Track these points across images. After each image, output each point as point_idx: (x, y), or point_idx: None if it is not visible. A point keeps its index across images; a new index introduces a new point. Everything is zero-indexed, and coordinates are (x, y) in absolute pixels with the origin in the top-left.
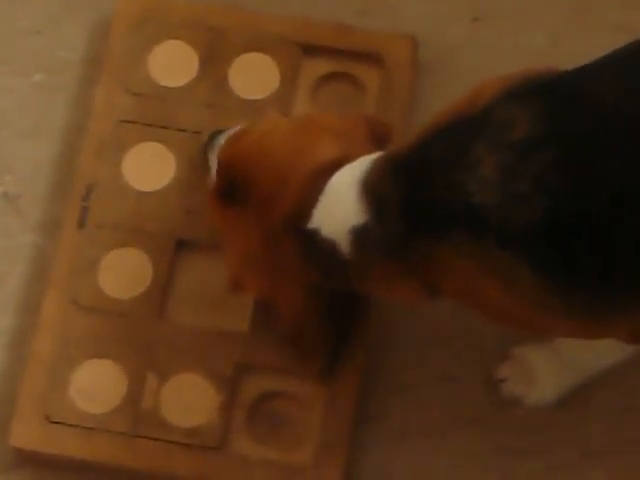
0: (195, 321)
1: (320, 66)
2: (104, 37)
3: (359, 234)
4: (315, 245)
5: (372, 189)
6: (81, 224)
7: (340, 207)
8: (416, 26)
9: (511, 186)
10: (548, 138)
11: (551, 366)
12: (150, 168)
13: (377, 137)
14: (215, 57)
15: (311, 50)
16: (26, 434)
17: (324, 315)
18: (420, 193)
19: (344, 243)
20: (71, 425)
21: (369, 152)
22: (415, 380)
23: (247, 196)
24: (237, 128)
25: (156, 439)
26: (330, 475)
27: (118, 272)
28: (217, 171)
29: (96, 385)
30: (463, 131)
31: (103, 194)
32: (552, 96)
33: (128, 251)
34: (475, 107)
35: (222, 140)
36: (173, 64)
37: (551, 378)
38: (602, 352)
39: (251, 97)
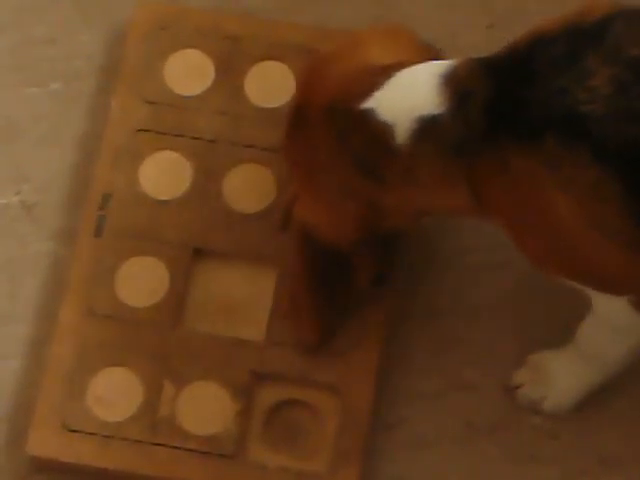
0: (211, 329)
1: None
2: (120, 46)
3: (426, 125)
4: (359, 129)
5: (457, 82)
6: (98, 233)
7: (411, 94)
8: (431, 33)
9: (623, 102)
10: None
11: (568, 369)
12: (166, 177)
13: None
14: (231, 65)
15: None
16: (43, 442)
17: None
18: (516, 92)
19: (403, 131)
20: (88, 433)
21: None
22: (431, 388)
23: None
24: None
25: (173, 447)
26: None
27: (135, 280)
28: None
29: (113, 393)
30: (576, 40)
31: (119, 203)
32: None
33: (144, 260)
34: (588, 19)
35: None
36: (189, 73)
37: (568, 381)
38: (618, 335)
39: (267, 105)
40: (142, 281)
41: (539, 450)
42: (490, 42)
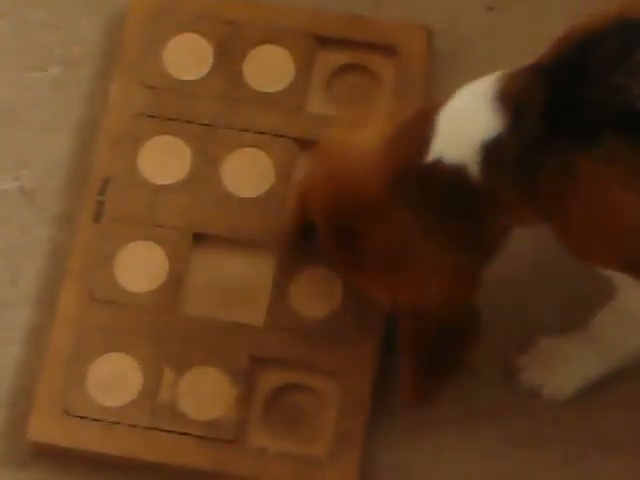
0: (211, 314)
1: (335, 58)
2: (119, 31)
3: (491, 148)
4: (434, 183)
5: (509, 96)
6: (97, 218)
7: (467, 125)
8: (430, 16)
9: None
10: None
11: (576, 357)
12: (166, 161)
13: None
14: (230, 50)
15: (326, 42)
16: (44, 428)
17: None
18: (571, 95)
19: (473, 164)
20: (88, 418)
21: None
22: None
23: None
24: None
25: (173, 432)
26: (346, 468)
27: (134, 266)
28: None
29: (113, 378)
30: (628, 35)
31: (119, 188)
32: None
33: (144, 244)
34: (635, 14)
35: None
36: (188, 57)
37: (573, 369)
38: (632, 329)
39: (266, 89)
40: (142, 266)
41: (540, 434)
42: (490, 25)
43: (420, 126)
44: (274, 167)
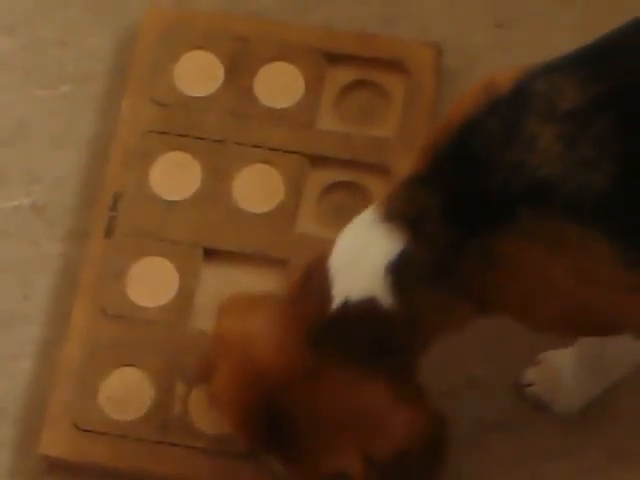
0: None
1: (344, 75)
2: (130, 48)
3: (398, 267)
4: (350, 326)
5: (397, 213)
6: (108, 233)
7: (363, 256)
8: (440, 33)
9: (576, 154)
10: (603, 100)
11: (580, 372)
12: (176, 177)
13: None
14: (240, 67)
15: (335, 59)
16: (55, 442)
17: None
18: (466, 188)
19: (384, 292)
20: (100, 433)
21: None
22: (441, 386)
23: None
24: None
25: (184, 446)
26: None
27: (145, 281)
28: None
29: (124, 393)
30: (504, 111)
31: (130, 203)
32: (586, 62)
33: (155, 260)
34: (501, 90)
35: None
36: (198, 74)
37: (579, 385)
38: (622, 355)
39: (276, 106)
40: (152, 281)
41: (550, 446)
42: (499, 42)
43: (315, 279)
44: (284, 183)
